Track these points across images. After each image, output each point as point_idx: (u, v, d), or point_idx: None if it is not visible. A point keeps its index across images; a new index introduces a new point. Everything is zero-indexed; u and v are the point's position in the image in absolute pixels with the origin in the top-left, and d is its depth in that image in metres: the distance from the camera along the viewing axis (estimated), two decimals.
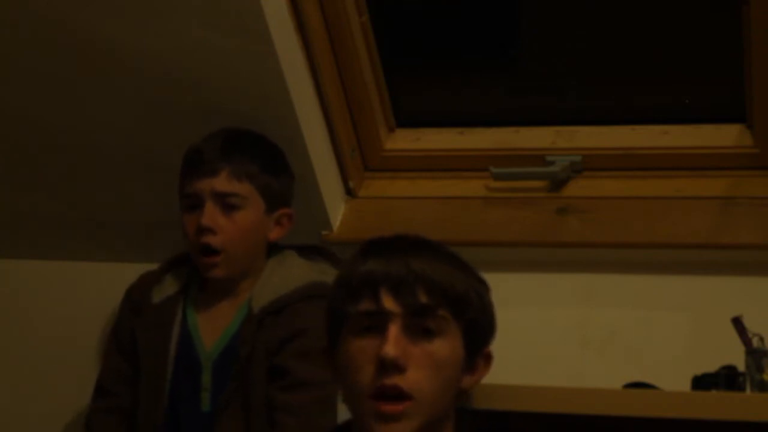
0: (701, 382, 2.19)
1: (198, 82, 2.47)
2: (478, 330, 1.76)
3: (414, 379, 1.68)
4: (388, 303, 1.70)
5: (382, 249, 1.75)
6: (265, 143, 2.46)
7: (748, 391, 2.14)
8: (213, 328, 2.41)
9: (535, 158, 2.58)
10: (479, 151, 2.63)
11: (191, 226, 2.39)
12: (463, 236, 2.54)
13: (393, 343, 1.67)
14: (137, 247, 2.78)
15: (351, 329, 1.72)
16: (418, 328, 1.70)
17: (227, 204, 2.37)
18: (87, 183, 2.71)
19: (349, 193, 2.68)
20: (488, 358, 1.81)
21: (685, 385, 2.22)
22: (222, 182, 2.36)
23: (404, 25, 2.73)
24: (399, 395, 1.67)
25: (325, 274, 2.39)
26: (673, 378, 2.28)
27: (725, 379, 2.16)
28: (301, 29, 2.48)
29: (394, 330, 1.68)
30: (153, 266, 2.77)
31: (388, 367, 1.67)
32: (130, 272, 2.80)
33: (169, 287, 2.46)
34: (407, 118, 2.71)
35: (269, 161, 2.43)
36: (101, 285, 2.84)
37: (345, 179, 2.67)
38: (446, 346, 1.72)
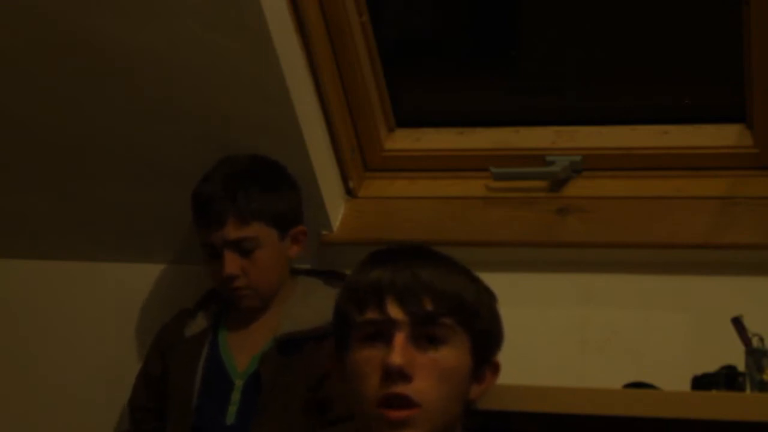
0: (701, 382, 2.19)
1: (198, 82, 2.47)
2: (486, 340, 1.76)
3: (420, 387, 1.67)
4: (394, 311, 1.69)
5: (388, 258, 1.74)
6: (263, 168, 2.48)
7: (748, 391, 2.14)
8: (246, 351, 2.46)
9: (535, 158, 2.58)
10: (479, 151, 2.62)
11: (216, 274, 2.45)
12: (463, 236, 2.54)
13: (399, 351, 1.66)
14: (137, 247, 2.78)
15: (357, 338, 1.71)
16: (425, 336, 1.69)
17: (243, 249, 2.42)
18: (87, 183, 2.71)
19: (349, 193, 2.68)
20: (496, 368, 1.80)
21: (685, 385, 2.22)
22: (231, 231, 2.40)
23: (404, 25, 2.73)
24: (406, 403, 1.67)
25: None
26: (673, 378, 2.28)
27: (725, 379, 2.16)
28: (301, 29, 2.48)
29: (400, 338, 1.67)
30: (152, 266, 2.79)
31: (394, 375, 1.66)
32: (130, 272, 2.81)
33: (200, 323, 2.52)
34: (407, 118, 2.71)
35: (271, 188, 2.45)
36: (101, 285, 2.84)
37: (345, 179, 2.67)
38: (453, 355, 1.71)
